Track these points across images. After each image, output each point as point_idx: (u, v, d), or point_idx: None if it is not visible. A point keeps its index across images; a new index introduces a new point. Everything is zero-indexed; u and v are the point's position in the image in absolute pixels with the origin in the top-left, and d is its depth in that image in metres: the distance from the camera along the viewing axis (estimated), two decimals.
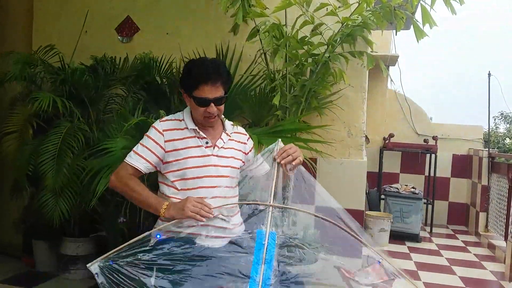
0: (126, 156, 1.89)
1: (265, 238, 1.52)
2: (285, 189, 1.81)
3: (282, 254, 1.67)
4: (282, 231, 1.68)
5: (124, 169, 1.84)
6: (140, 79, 3.19)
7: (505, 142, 12.41)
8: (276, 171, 1.68)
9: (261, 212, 1.70)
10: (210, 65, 1.79)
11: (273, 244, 1.55)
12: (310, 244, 1.85)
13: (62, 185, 2.83)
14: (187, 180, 1.81)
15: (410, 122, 6.16)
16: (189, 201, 1.69)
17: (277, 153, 1.70)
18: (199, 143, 1.85)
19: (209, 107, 1.78)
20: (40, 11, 3.80)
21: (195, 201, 1.69)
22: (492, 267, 4.08)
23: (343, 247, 1.65)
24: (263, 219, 1.57)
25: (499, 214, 4.98)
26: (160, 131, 1.85)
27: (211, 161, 1.84)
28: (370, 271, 1.69)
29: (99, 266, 1.51)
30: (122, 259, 1.53)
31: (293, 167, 1.72)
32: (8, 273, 3.32)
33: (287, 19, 3.01)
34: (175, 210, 1.70)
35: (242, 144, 1.98)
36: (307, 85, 2.87)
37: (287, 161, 1.69)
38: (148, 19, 3.56)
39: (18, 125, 3.19)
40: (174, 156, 1.83)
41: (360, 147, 3.17)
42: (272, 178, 1.66)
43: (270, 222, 1.54)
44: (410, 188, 5.17)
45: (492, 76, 5.62)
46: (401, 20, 2.69)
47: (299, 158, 1.71)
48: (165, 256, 1.58)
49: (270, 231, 1.54)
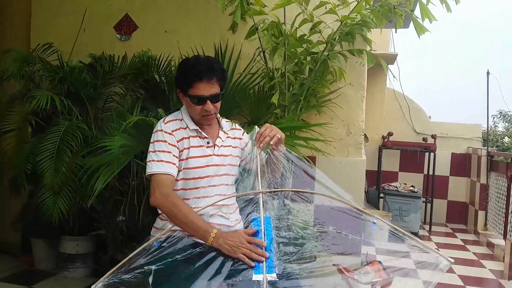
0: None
1: (261, 224, 1.53)
2: (280, 175, 1.83)
3: (281, 235, 1.67)
4: (274, 214, 1.70)
5: (163, 183, 1.72)
6: (138, 77, 3.19)
7: (504, 140, 12.41)
8: (258, 159, 1.73)
9: (253, 200, 1.72)
10: (204, 62, 1.79)
11: (269, 228, 1.56)
12: (306, 222, 1.84)
13: (61, 184, 2.83)
14: (188, 180, 1.80)
15: (409, 121, 6.17)
16: (242, 241, 1.58)
17: (255, 138, 1.78)
18: (200, 143, 1.84)
19: (206, 105, 1.77)
20: (39, 9, 3.79)
21: (248, 241, 1.59)
22: (491, 266, 4.09)
23: (342, 244, 1.65)
24: (256, 207, 1.60)
25: (498, 213, 4.98)
26: (169, 132, 1.80)
27: (213, 161, 1.83)
28: (369, 269, 1.69)
29: (103, 285, 1.48)
30: (124, 273, 1.50)
31: (274, 146, 1.78)
32: (7, 272, 3.31)
33: (286, 17, 3.00)
34: (225, 243, 1.60)
35: (238, 140, 1.98)
36: (306, 83, 2.86)
37: (266, 142, 1.76)
38: (147, 17, 3.55)
39: (16, 124, 3.18)
40: (182, 155, 1.81)
41: (359, 145, 3.17)
42: (256, 166, 1.72)
43: (262, 207, 1.55)
44: (409, 187, 5.18)
45: (491, 74, 5.63)
46: (400, 17, 2.69)
47: (276, 136, 1.78)
48: (166, 260, 1.57)
49: (265, 216, 1.55)
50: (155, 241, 1.64)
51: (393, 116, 6.20)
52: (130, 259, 1.54)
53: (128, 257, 1.54)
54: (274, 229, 1.60)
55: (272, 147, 1.79)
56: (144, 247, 1.59)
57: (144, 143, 2.53)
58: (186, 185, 1.80)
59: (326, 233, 1.68)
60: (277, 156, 1.80)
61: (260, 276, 1.45)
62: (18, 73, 3.01)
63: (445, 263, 1.49)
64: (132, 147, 2.63)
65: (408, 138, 6.05)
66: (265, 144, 1.76)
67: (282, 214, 1.76)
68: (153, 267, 1.54)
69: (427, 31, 2.64)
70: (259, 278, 1.45)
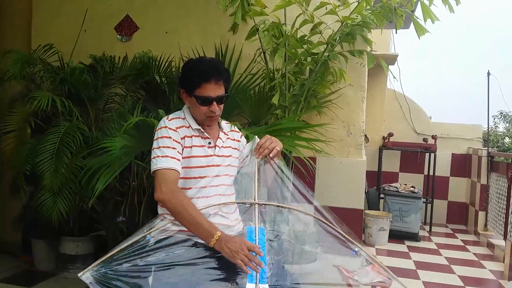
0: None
1: (255, 234, 1.54)
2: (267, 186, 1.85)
3: (273, 247, 1.68)
4: (267, 226, 1.71)
5: (169, 178, 1.70)
6: (139, 78, 3.19)
7: (505, 141, 12.42)
8: (256, 169, 1.75)
9: (248, 210, 1.73)
10: (211, 63, 1.80)
11: (263, 239, 1.56)
12: (297, 238, 1.87)
13: (60, 185, 2.83)
14: (189, 180, 1.80)
15: (410, 121, 6.16)
16: (243, 248, 1.55)
17: (254, 150, 1.81)
18: (202, 143, 1.84)
19: (212, 106, 1.78)
20: (39, 10, 3.79)
21: (249, 248, 1.55)
22: (491, 266, 4.08)
23: (341, 247, 1.65)
24: (251, 216, 1.61)
25: (498, 213, 4.98)
26: (173, 129, 1.80)
27: (214, 161, 1.83)
28: (370, 270, 1.69)
29: (92, 275, 1.42)
30: (116, 265, 1.46)
31: (271, 158, 1.80)
32: (7, 272, 3.31)
33: (287, 18, 3.00)
34: (226, 247, 1.58)
35: (237, 142, 1.99)
36: (307, 84, 2.86)
37: (264, 155, 1.79)
38: (147, 18, 3.56)
39: (16, 124, 3.19)
40: (184, 153, 1.81)
41: (360, 146, 3.17)
42: (254, 176, 1.74)
43: (258, 218, 1.56)
44: (410, 187, 5.17)
45: (492, 75, 5.62)
46: (401, 18, 2.70)
47: (275, 148, 1.80)
48: (162, 258, 1.56)
49: (259, 227, 1.56)
50: (149, 235, 1.63)
51: (394, 117, 6.20)
52: (122, 250, 1.50)
53: (120, 247, 1.49)
54: (267, 241, 1.60)
55: (269, 158, 1.81)
56: (137, 239, 1.56)
57: (145, 144, 2.54)
58: (186, 184, 1.80)
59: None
60: (270, 168, 1.82)
61: (252, 286, 1.46)
62: (19, 74, 3.02)
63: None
64: (133, 148, 2.63)
65: (409, 139, 6.05)
66: (263, 156, 1.80)
67: (275, 229, 1.80)
68: (153, 268, 1.53)
69: (427, 32, 2.64)
70: (252, 287, 1.46)
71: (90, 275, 1.43)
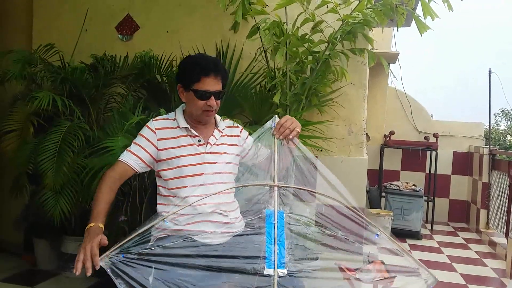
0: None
1: (274, 217, 1.52)
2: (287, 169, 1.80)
3: (293, 231, 1.65)
4: (289, 209, 1.66)
5: (116, 168, 1.82)
6: (140, 77, 3.19)
7: (506, 139, 12.41)
8: (276, 149, 1.69)
9: (266, 194, 1.65)
10: (210, 59, 1.85)
11: (282, 222, 1.55)
12: (316, 221, 1.82)
13: (62, 184, 2.83)
14: (183, 178, 1.81)
15: (411, 120, 6.16)
16: (87, 248, 1.48)
17: (275, 129, 1.76)
18: (191, 141, 1.86)
19: (209, 100, 1.80)
20: (40, 10, 3.79)
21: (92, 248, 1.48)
22: (493, 264, 4.08)
23: (344, 243, 1.64)
24: (268, 201, 1.57)
25: (500, 211, 4.98)
26: (152, 129, 1.87)
27: (205, 158, 1.84)
28: (371, 268, 1.70)
29: (111, 260, 1.46)
30: (130, 253, 1.48)
31: (291, 139, 1.77)
32: (9, 272, 3.32)
33: (288, 17, 3.00)
34: (84, 238, 1.54)
35: (236, 138, 1.99)
36: (308, 82, 2.86)
37: (285, 135, 1.75)
38: (148, 17, 3.55)
39: (18, 124, 3.18)
40: (166, 154, 1.84)
41: (361, 144, 3.17)
42: (273, 157, 1.67)
43: (277, 201, 1.53)
44: (411, 186, 5.17)
45: (493, 73, 5.61)
46: (402, 16, 2.69)
47: (296, 130, 1.77)
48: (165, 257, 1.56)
49: (278, 210, 1.54)
50: (166, 219, 1.66)
51: (395, 115, 6.20)
52: (140, 235, 1.50)
53: (137, 232, 1.49)
54: (287, 225, 1.58)
55: (289, 139, 1.77)
56: (154, 224, 1.59)
57: None
58: (182, 183, 1.81)
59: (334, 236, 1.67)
60: (290, 149, 1.77)
61: (271, 271, 1.45)
62: (20, 74, 3.01)
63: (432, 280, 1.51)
64: None
65: (410, 137, 6.05)
66: (284, 136, 1.75)
67: (295, 211, 1.75)
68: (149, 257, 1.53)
69: (429, 29, 2.63)
70: (270, 272, 1.45)
71: (109, 260, 1.47)
